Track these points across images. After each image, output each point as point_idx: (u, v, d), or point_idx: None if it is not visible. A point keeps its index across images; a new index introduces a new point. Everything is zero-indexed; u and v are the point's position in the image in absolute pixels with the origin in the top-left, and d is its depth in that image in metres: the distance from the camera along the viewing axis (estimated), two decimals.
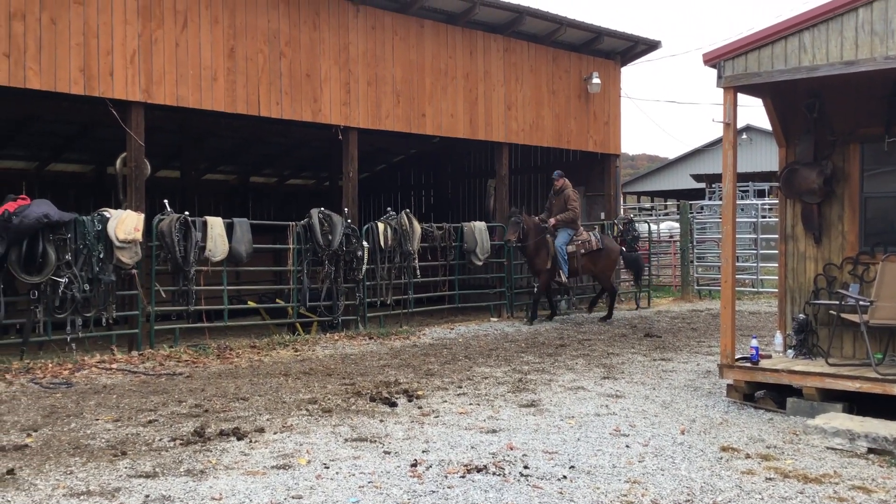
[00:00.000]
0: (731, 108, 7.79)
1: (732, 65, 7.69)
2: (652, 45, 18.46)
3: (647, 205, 43.68)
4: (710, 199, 29.48)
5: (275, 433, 6.52)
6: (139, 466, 5.55)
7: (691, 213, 21.48)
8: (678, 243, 21.40)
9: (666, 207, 39.40)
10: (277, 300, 13.96)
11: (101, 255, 10.32)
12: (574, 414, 7.32)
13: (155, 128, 12.28)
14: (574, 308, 16.87)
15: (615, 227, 17.52)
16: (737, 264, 15.53)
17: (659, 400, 7.96)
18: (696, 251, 21.32)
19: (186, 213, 11.41)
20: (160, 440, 6.27)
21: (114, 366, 9.68)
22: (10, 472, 5.37)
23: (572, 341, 12.22)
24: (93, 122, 15.73)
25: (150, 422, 6.88)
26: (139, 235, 10.62)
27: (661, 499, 5.02)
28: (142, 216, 10.80)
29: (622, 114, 18.83)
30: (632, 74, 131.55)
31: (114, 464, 5.62)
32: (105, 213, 10.58)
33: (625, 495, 5.08)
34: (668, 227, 26.98)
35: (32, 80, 10.17)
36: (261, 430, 6.57)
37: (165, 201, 11.54)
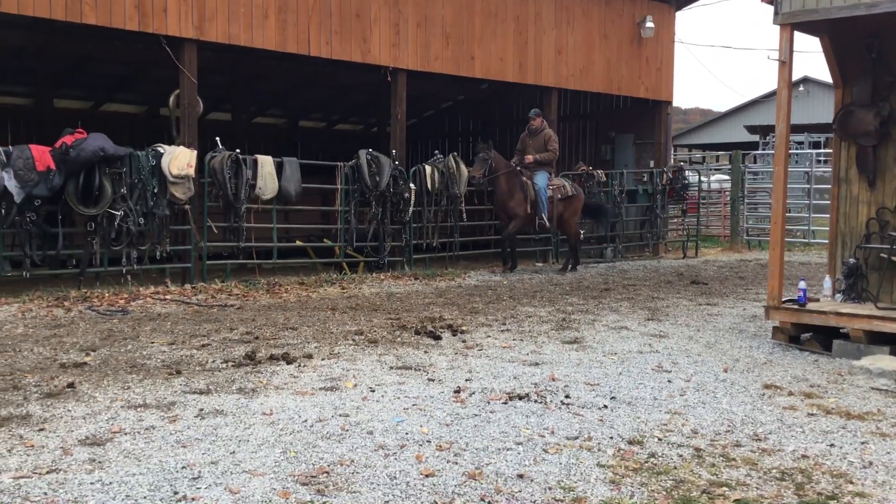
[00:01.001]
0: (788, 46, 7.62)
1: (790, 1, 7.50)
2: None
3: (699, 155, 42.93)
4: (763, 150, 28.90)
5: (322, 359, 6.70)
6: (193, 384, 5.77)
7: (744, 163, 21.12)
8: (728, 194, 21.10)
9: (718, 160, 38.73)
10: (325, 240, 14.15)
11: (156, 190, 10.56)
12: (616, 351, 7.38)
13: (207, 69, 12.44)
14: (620, 256, 16.81)
15: (664, 175, 17.32)
16: (788, 215, 15.33)
17: (703, 341, 7.97)
18: (747, 202, 21.01)
19: (237, 150, 11.59)
20: (213, 362, 6.49)
21: (168, 297, 9.96)
22: (71, 385, 5.62)
23: (617, 286, 12.22)
24: (146, 62, 15.92)
25: (203, 346, 7.11)
26: (192, 171, 10.83)
27: (702, 429, 5.07)
28: (195, 152, 11.00)
29: (675, 62, 18.49)
30: (686, 20, 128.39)
31: (169, 381, 5.84)
32: (159, 148, 10.79)
33: (665, 424, 5.14)
34: (719, 179, 26.58)
35: (88, 15, 10.34)
36: (309, 357, 6.75)
37: (217, 139, 11.70)
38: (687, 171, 19.15)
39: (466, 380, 6.15)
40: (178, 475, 4.00)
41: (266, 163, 11.85)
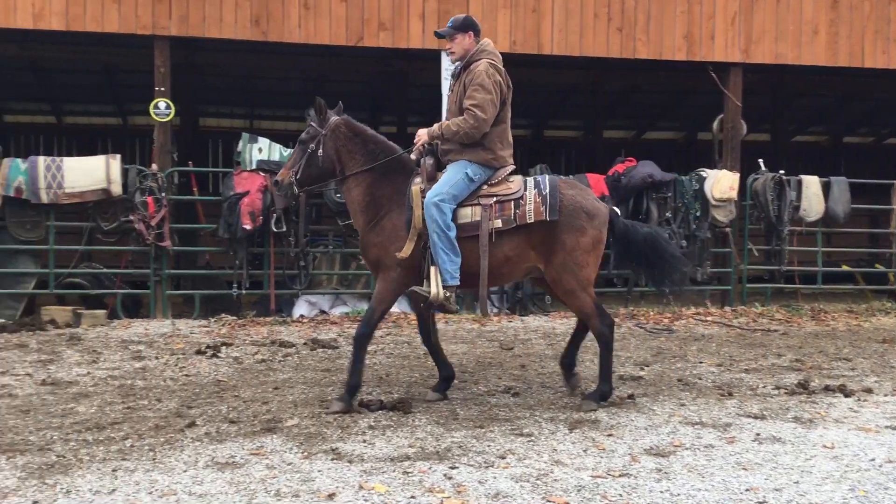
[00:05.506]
0: None
1: None
2: None
3: None
4: None
5: (885, 395, 6.18)
6: (746, 408, 5.78)
7: None
8: None
9: None
10: (876, 265, 13.00)
11: (698, 214, 10.83)
12: None
13: (747, 90, 12.33)
14: None
15: None
16: None
17: None
18: None
19: (781, 171, 11.32)
20: (763, 387, 6.43)
21: (708, 318, 10.14)
22: (630, 396, 6.05)
23: None
24: (686, 90, 16.40)
25: (751, 370, 7.09)
26: (734, 194, 10.87)
27: None
28: (737, 176, 11.02)
29: None
30: None
31: (721, 402, 5.94)
32: (702, 172, 11.05)
33: None
34: None
35: (640, 50, 11.04)
36: (868, 391, 6.29)
37: (760, 161, 11.56)
38: None
39: None
40: (742, 497, 4.05)
41: (811, 183, 11.39)
